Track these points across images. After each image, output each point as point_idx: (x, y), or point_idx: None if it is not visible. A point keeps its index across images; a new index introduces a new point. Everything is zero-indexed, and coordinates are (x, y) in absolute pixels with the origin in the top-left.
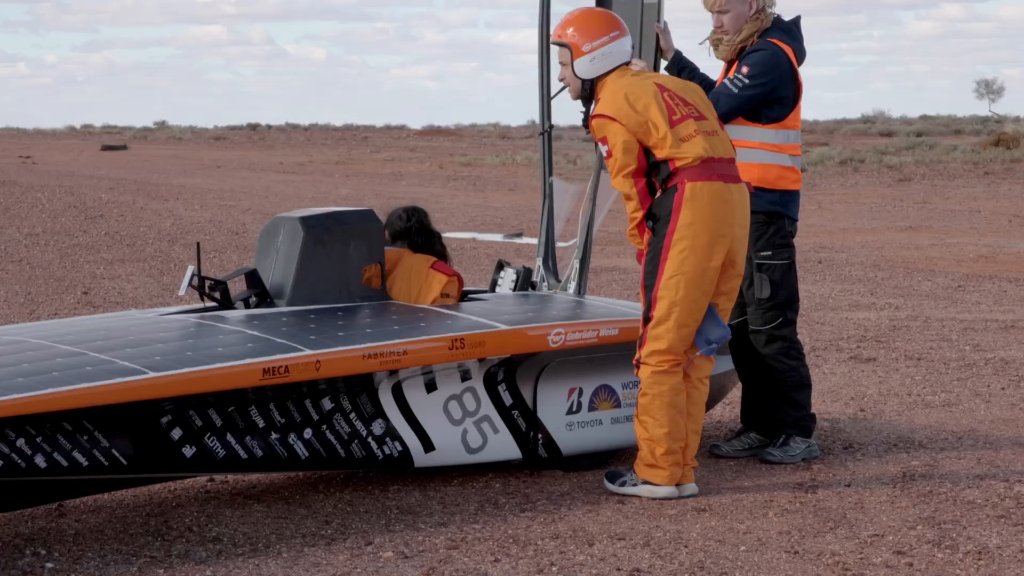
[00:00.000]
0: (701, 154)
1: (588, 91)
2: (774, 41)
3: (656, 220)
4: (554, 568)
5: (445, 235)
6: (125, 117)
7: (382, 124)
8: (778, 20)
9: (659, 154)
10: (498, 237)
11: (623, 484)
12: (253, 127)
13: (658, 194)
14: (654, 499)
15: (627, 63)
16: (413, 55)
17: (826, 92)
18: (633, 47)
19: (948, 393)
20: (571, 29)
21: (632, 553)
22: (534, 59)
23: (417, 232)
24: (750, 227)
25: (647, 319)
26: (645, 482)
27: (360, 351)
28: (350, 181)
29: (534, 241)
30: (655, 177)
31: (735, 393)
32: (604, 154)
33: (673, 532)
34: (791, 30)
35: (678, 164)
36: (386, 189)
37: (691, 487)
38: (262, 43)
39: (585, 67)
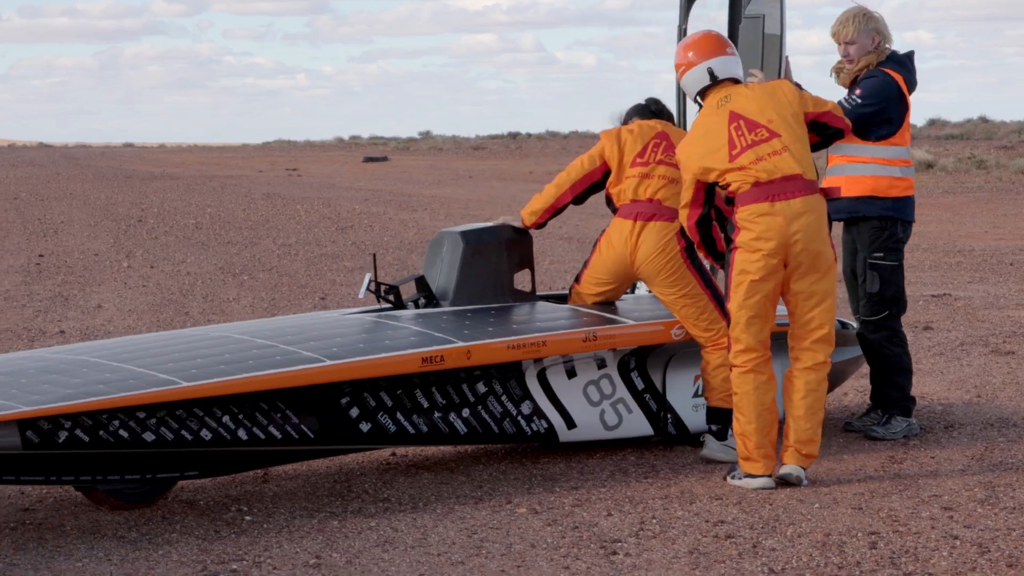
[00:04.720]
0: (751, 181)
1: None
2: (886, 70)
3: (729, 240)
4: (655, 520)
5: None
6: (395, 128)
7: None
8: (893, 53)
9: (726, 182)
10: None
11: (734, 477)
12: (513, 136)
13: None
14: (752, 489)
15: (725, 80)
16: None
17: None
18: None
19: None
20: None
21: (723, 509)
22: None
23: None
24: (866, 231)
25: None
26: (747, 475)
27: (505, 343)
28: None
29: None
30: (723, 199)
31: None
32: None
33: (766, 493)
34: (904, 62)
35: (733, 189)
36: None
37: (789, 468)
38: (532, 50)
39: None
